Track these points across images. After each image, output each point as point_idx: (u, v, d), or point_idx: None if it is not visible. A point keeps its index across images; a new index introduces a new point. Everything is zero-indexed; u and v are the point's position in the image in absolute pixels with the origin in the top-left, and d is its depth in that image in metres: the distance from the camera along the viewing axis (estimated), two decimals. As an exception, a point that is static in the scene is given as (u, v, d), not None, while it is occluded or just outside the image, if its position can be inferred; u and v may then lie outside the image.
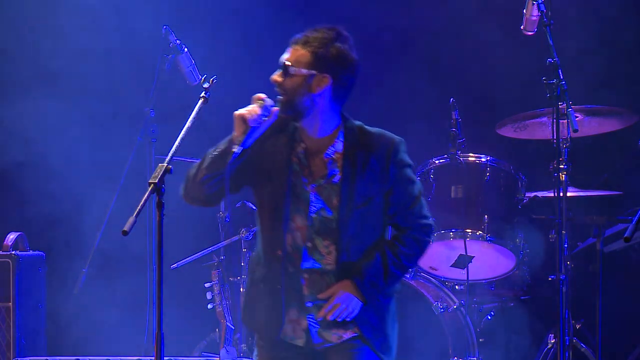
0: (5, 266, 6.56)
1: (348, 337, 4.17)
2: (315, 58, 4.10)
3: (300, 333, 4.17)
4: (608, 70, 7.35)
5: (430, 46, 7.68)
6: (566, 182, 5.74)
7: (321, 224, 4.13)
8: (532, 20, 5.69)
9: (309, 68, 4.10)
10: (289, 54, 4.13)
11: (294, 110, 4.11)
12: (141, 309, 6.75)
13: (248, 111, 4.07)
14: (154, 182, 3.85)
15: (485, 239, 6.44)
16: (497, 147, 7.00)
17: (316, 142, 4.16)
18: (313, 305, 4.15)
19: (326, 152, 4.15)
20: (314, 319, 4.15)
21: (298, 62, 4.10)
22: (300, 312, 4.16)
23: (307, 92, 4.11)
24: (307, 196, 4.13)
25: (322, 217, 4.12)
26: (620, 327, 6.96)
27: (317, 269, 4.14)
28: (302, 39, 4.13)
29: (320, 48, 4.10)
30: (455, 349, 6.28)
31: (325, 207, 4.12)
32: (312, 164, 4.16)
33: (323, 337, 4.16)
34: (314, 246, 4.14)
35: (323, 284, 4.14)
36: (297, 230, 4.14)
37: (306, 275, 4.15)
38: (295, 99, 4.10)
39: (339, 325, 4.15)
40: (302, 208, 4.13)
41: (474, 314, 6.58)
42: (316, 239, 4.13)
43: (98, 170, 7.55)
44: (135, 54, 7.52)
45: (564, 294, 5.61)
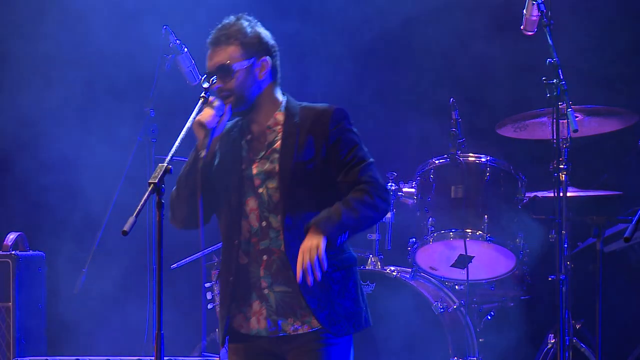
0: (5, 266, 6.56)
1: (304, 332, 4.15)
2: (245, 48, 4.16)
3: (264, 323, 4.18)
4: (608, 70, 7.35)
5: (431, 46, 7.68)
6: (566, 182, 5.74)
7: (270, 197, 4.14)
8: (532, 20, 5.69)
9: (245, 59, 4.16)
10: (218, 56, 4.15)
11: (247, 103, 4.17)
12: (141, 309, 6.75)
13: (201, 115, 4.10)
14: (154, 182, 3.85)
15: (485, 239, 6.44)
16: (497, 147, 6.99)
17: (260, 122, 4.22)
18: (269, 289, 4.16)
19: (267, 124, 4.20)
20: (271, 306, 4.15)
21: (234, 58, 4.15)
22: (261, 302, 4.18)
23: (254, 81, 4.17)
24: (251, 172, 4.18)
25: (269, 188, 4.14)
26: (620, 327, 6.96)
27: (274, 247, 4.15)
28: (221, 38, 4.17)
29: (243, 37, 4.17)
30: (455, 349, 6.28)
31: (269, 178, 4.15)
32: (256, 143, 4.21)
33: (279, 325, 4.16)
34: (268, 224, 4.16)
35: (279, 262, 4.14)
36: (251, 213, 4.17)
37: (265, 257, 4.16)
38: (245, 92, 4.16)
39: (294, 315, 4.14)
40: (251, 188, 4.18)
41: (474, 314, 6.58)
42: (270, 216, 4.15)
43: (98, 170, 7.55)
44: (135, 54, 7.51)
45: (564, 294, 5.61)
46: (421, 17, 7.68)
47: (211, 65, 4.17)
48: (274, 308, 4.17)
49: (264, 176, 4.17)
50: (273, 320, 4.17)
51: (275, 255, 4.16)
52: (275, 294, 4.17)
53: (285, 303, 4.16)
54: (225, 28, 4.19)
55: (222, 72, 4.14)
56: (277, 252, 4.16)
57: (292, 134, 4.15)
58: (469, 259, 6.43)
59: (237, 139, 4.24)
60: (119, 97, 7.59)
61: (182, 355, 6.31)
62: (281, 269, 4.15)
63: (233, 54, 4.15)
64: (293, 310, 4.15)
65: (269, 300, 4.17)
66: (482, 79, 7.54)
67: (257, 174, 4.18)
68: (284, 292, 4.16)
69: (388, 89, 7.82)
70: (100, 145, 7.63)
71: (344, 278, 4.19)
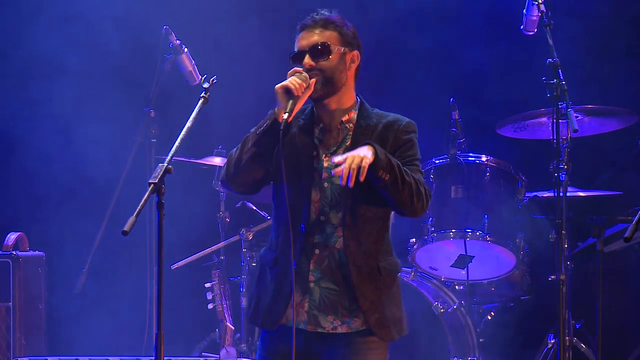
0: (5, 266, 6.56)
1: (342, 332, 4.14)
2: (343, 36, 4.21)
3: (303, 315, 4.16)
4: (608, 70, 7.35)
5: (431, 46, 7.68)
6: (566, 182, 5.74)
7: (333, 193, 4.14)
8: (532, 20, 5.69)
9: (341, 45, 4.19)
10: (316, 36, 4.17)
11: (333, 87, 4.17)
12: (141, 309, 6.75)
13: (289, 81, 4.09)
14: (154, 182, 3.84)
15: (485, 239, 6.44)
16: (497, 147, 6.99)
17: (334, 115, 4.21)
18: (315, 284, 4.14)
19: (341, 121, 4.20)
20: (314, 300, 4.14)
21: (332, 41, 4.18)
22: (303, 294, 4.15)
23: (344, 68, 4.19)
24: (321, 165, 4.16)
25: (335, 185, 4.13)
26: (620, 327, 6.96)
27: (328, 243, 4.13)
28: (319, 22, 4.20)
29: (342, 27, 4.22)
30: (455, 349, 6.28)
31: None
32: (328, 136, 4.20)
33: (318, 320, 4.14)
34: (327, 219, 4.14)
35: (332, 259, 4.13)
36: (313, 205, 4.15)
37: (317, 251, 4.14)
38: (335, 76, 4.16)
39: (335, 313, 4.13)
40: (316, 180, 4.16)
41: (474, 314, 6.58)
42: (330, 212, 4.14)
43: (98, 170, 7.55)
44: (135, 54, 7.52)
45: (564, 294, 5.60)
46: (421, 17, 7.69)
47: (305, 44, 4.17)
48: (317, 303, 4.14)
49: (332, 172, 4.12)
50: (314, 315, 4.14)
51: (328, 251, 4.14)
52: (321, 290, 4.14)
53: (329, 300, 4.14)
54: (324, 15, 4.22)
55: (320, 50, 4.16)
56: (332, 248, 4.14)
57: (364, 135, 4.15)
58: (469, 259, 6.43)
59: (309, 125, 4.22)
60: (119, 97, 7.59)
61: (182, 355, 6.32)
62: (331, 265, 4.14)
63: (331, 38, 4.19)
64: (335, 308, 4.14)
65: (313, 295, 4.15)
66: (482, 79, 7.54)
67: (327, 167, 4.16)
68: (329, 289, 4.14)
69: (388, 89, 7.81)
70: (100, 145, 7.63)
71: (392, 283, 4.22)
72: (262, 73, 7.25)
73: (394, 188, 4.04)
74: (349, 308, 4.14)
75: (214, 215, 6.85)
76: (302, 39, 4.20)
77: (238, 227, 6.68)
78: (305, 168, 4.16)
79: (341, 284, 4.13)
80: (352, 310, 4.14)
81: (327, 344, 4.17)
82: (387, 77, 7.84)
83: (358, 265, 4.13)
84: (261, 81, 7.66)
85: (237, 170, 4.17)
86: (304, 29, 4.21)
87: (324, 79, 4.15)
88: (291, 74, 4.14)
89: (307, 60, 4.15)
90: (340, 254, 4.12)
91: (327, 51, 4.16)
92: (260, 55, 7.55)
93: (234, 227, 6.75)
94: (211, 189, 6.89)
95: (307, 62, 4.15)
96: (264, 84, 4.88)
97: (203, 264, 6.64)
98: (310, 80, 4.12)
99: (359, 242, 4.13)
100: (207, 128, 7.40)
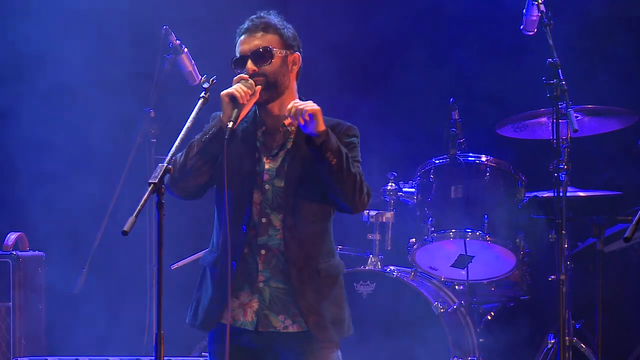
0: (5, 266, 6.56)
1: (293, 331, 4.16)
2: (283, 39, 4.23)
3: (252, 316, 4.17)
4: (608, 70, 7.35)
5: (431, 46, 7.68)
6: (566, 182, 5.74)
7: (274, 195, 4.17)
8: (532, 20, 5.69)
9: (282, 49, 4.22)
10: (257, 41, 4.19)
11: (276, 90, 4.20)
12: (141, 309, 6.75)
13: (235, 89, 4.12)
14: (154, 182, 3.85)
15: (485, 239, 6.44)
16: (497, 147, 7.00)
17: (277, 118, 4.24)
18: (264, 284, 4.16)
19: (283, 123, 4.23)
20: (264, 300, 4.16)
21: (273, 45, 4.21)
22: (252, 294, 4.17)
23: (287, 71, 4.22)
24: (262, 167, 4.20)
25: (276, 187, 4.17)
26: (620, 327, 6.96)
27: (272, 246, 4.16)
28: (259, 25, 4.22)
29: (282, 29, 4.24)
30: (455, 349, 6.28)
31: (278, 177, 4.18)
32: (270, 139, 4.23)
33: (269, 319, 4.16)
34: (268, 221, 4.18)
35: (278, 260, 4.16)
36: (254, 206, 4.18)
37: (263, 251, 4.17)
38: (278, 79, 4.19)
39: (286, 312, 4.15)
40: (258, 182, 4.20)
41: (474, 314, 6.58)
42: (271, 213, 4.18)
43: (98, 170, 7.55)
44: (135, 54, 7.51)
45: (564, 294, 5.60)
46: (421, 17, 7.68)
47: (247, 49, 4.20)
48: (267, 302, 4.17)
49: (274, 174, 4.18)
50: (264, 314, 4.17)
51: (272, 252, 4.18)
52: (271, 289, 4.18)
53: (278, 299, 4.17)
54: (264, 18, 4.24)
55: (262, 54, 4.18)
56: (276, 251, 4.18)
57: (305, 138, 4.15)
58: (469, 259, 6.43)
59: (251, 129, 4.25)
60: (119, 97, 7.59)
61: (182, 355, 6.31)
62: (279, 266, 4.17)
63: (272, 42, 4.21)
64: (286, 307, 4.17)
65: (263, 294, 4.18)
66: (482, 79, 7.54)
67: (268, 170, 4.19)
68: (279, 289, 4.17)
69: (388, 89, 7.81)
70: (100, 145, 7.62)
71: (333, 284, 4.23)
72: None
73: (339, 176, 4.07)
74: (297, 308, 4.17)
75: (214, 216, 6.84)
76: (243, 44, 4.22)
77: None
78: (247, 170, 4.19)
79: (289, 284, 4.16)
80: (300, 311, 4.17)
81: (282, 344, 4.19)
82: (387, 77, 7.83)
83: (298, 267, 4.16)
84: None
85: (182, 176, 4.20)
86: (244, 33, 4.23)
87: (266, 84, 4.17)
88: (237, 80, 4.16)
89: (249, 65, 4.18)
90: (284, 256, 4.16)
91: (269, 55, 4.18)
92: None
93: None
94: (211, 189, 6.87)
95: (250, 67, 4.17)
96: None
97: (203, 264, 6.62)
98: (256, 88, 4.15)
99: (299, 244, 4.16)
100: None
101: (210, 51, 7.34)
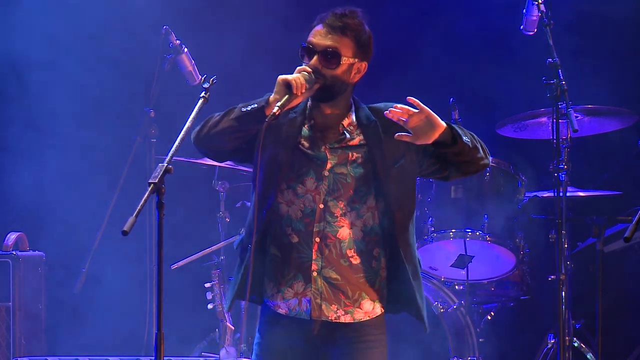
0: (5, 266, 6.56)
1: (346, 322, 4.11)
2: (357, 46, 4.09)
3: (305, 305, 4.10)
4: (608, 70, 7.36)
5: (430, 46, 7.68)
6: (566, 182, 5.74)
7: (336, 182, 4.09)
8: (532, 20, 5.69)
9: (352, 56, 4.09)
10: (330, 40, 4.06)
11: (331, 96, 4.09)
12: (141, 309, 6.75)
13: (294, 78, 4.01)
14: (154, 182, 3.84)
15: (485, 239, 6.44)
16: (497, 147, 7.00)
17: (327, 117, 4.14)
18: (318, 273, 4.09)
19: (340, 123, 4.13)
20: (317, 289, 4.09)
21: (345, 50, 4.07)
22: (305, 284, 4.10)
23: (347, 79, 4.10)
24: (322, 156, 4.09)
25: (337, 174, 4.08)
26: (620, 327, 6.96)
27: (329, 233, 4.08)
28: (339, 25, 4.07)
29: (360, 35, 4.09)
30: (455, 349, 6.28)
31: (343, 165, 4.08)
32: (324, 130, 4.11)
33: (322, 309, 4.09)
34: (326, 208, 4.08)
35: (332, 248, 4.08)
36: (307, 193, 4.10)
37: (317, 239, 4.09)
38: (335, 87, 4.07)
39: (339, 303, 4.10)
40: (313, 169, 4.10)
41: (474, 314, 6.58)
42: (330, 201, 4.09)
43: (98, 170, 7.55)
44: (135, 54, 7.52)
45: (564, 294, 5.61)
46: (421, 17, 7.69)
47: (318, 43, 4.06)
48: (320, 292, 4.09)
49: (336, 161, 4.09)
50: (317, 303, 4.09)
51: (329, 240, 4.09)
52: (324, 279, 4.10)
53: (331, 289, 4.10)
54: (347, 17, 4.09)
55: (330, 57, 4.05)
56: (333, 238, 4.09)
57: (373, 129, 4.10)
58: (469, 259, 6.43)
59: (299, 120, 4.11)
60: (119, 97, 7.59)
61: (182, 355, 6.32)
62: (334, 255, 4.09)
63: (345, 47, 4.06)
64: (338, 298, 4.10)
65: (317, 284, 4.09)
66: (482, 79, 7.54)
67: (330, 158, 4.09)
68: (332, 278, 4.10)
69: (388, 89, 7.81)
70: (101, 145, 7.63)
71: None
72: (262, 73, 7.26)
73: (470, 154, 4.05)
74: (352, 298, 4.12)
75: (214, 215, 6.85)
76: (316, 34, 4.08)
77: (238, 227, 6.68)
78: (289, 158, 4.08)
79: (343, 273, 4.09)
80: (355, 301, 4.12)
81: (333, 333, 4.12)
82: (387, 77, 7.83)
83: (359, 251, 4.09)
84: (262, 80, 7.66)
85: (209, 133, 4.09)
86: (322, 23, 4.09)
87: (324, 85, 4.06)
88: (299, 71, 4.04)
89: (314, 62, 4.05)
90: (342, 243, 4.09)
91: (337, 60, 4.05)
92: (261, 54, 7.55)
93: (234, 227, 6.74)
94: (211, 189, 6.88)
95: (314, 63, 4.05)
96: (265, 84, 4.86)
97: (203, 264, 6.64)
98: (315, 85, 4.04)
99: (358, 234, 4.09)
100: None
101: (211, 51, 7.35)
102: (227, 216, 6.81)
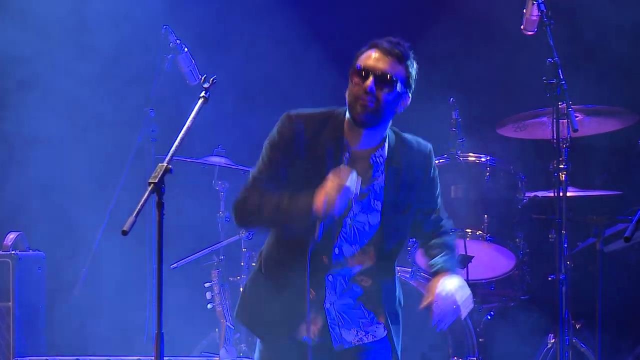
0: (5, 266, 6.56)
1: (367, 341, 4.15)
2: (408, 77, 4.05)
3: (316, 332, 4.11)
4: (608, 70, 7.36)
5: (430, 46, 7.68)
6: (566, 182, 5.74)
7: (353, 229, 4.09)
8: (532, 20, 5.69)
9: (403, 86, 4.04)
10: (388, 65, 4.00)
11: (376, 121, 4.00)
12: (141, 309, 6.76)
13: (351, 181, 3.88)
14: (154, 182, 3.84)
15: (485, 239, 6.45)
16: (497, 147, 7.00)
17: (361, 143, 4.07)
18: (331, 305, 4.11)
19: (372, 156, 4.08)
20: (334, 320, 4.11)
21: (398, 77, 4.01)
22: (318, 312, 4.10)
23: (394, 108, 4.04)
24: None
25: (358, 221, 4.08)
26: (620, 327, 6.96)
27: (342, 272, 4.10)
28: (397, 52, 4.02)
29: (411, 68, 4.06)
30: (455, 349, 6.28)
31: (362, 212, 4.08)
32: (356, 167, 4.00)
33: (344, 337, 4.13)
34: (340, 250, 4.09)
35: (343, 282, 4.11)
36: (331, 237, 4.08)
37: (330, 277, 4.10)
38: (384, 112, 4.00)
39: (357, 325, 4.14)
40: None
41: (474, 314, 6.58)
42: (344, 244, 4.09)
43: (98, 170, 7.55)
44: (135, 54, 7.52)
45: (564, 294, 5.60)
46: (421, 17, 7.69)
47: (375, 67, 3.97)
48: (336, 320, 4.12)
49: (358, 208, 4.07)
50: (336, 332, 4.12)
51: (340, 276, 4.11)
52: (338, 307, 4.12)
53: (347, 314, 4.13)
54: (403, 47, 4.05)
55: (387, 81, 3.98)
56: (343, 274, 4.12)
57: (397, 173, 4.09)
58: (469, 259, 6.43)
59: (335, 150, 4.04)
60: (119, 97, 7.59)
61: (182, 355, 6.32)
62: (345, 287, 4.12)
63: (399, 74, 4.00)
64: (355, 321, 4.14)
65: (331, 314, 4.12)
66: (482, 79, 7.55)
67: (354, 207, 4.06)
68: (346, 305, 4.13)
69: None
70: (101, 145, 7.63)
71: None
72: (262, 72, 7.26)
73: None
74: (367, 317, 4.16)
75: (214, 215, 6.85)
76: (371, 59, 4.00)
77: (238, 227, 6.68)
78: None
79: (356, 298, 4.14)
80: (372, 319, 4.17)
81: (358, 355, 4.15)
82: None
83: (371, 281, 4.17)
84: (262, 80, 7.67)
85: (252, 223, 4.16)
86: (378, 49, 4.02)
87: (374, 110, 3.96)
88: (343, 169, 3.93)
89: (369, 82, 3.96)
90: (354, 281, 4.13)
91: (392, 87, 3.98)
92: (261, 54, 7.55)
93: (234, 227, 6.74)
94: (211, 189, 6.89)
95: (369, 84, 3.95)
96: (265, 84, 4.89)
97: (203, 264, 6.64)
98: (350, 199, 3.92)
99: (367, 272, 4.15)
100: (207, 128, 7.40)
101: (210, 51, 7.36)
102: (227, 216, 6.81)
